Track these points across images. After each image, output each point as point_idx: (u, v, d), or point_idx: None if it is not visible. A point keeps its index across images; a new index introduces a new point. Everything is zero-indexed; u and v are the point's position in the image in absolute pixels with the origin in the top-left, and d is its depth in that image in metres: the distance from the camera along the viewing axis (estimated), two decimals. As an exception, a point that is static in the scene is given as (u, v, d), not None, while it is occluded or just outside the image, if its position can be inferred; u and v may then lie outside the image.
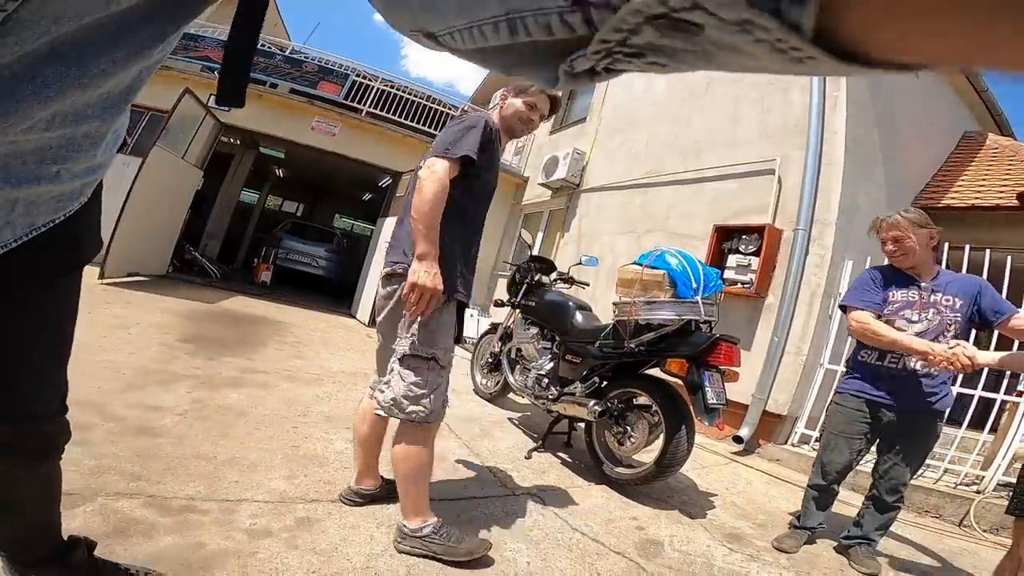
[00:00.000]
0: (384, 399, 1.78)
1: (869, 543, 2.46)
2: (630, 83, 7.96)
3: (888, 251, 2.43)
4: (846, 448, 2.47)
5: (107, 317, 4.18)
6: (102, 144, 0.61)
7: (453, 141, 1.77)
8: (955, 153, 6.92)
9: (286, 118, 8.28)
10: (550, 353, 3.52)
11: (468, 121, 1.85)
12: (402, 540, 1.77)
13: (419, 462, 1.77)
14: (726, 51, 0.20)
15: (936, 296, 2.32)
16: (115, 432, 2.15)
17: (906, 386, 2.33)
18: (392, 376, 1.78)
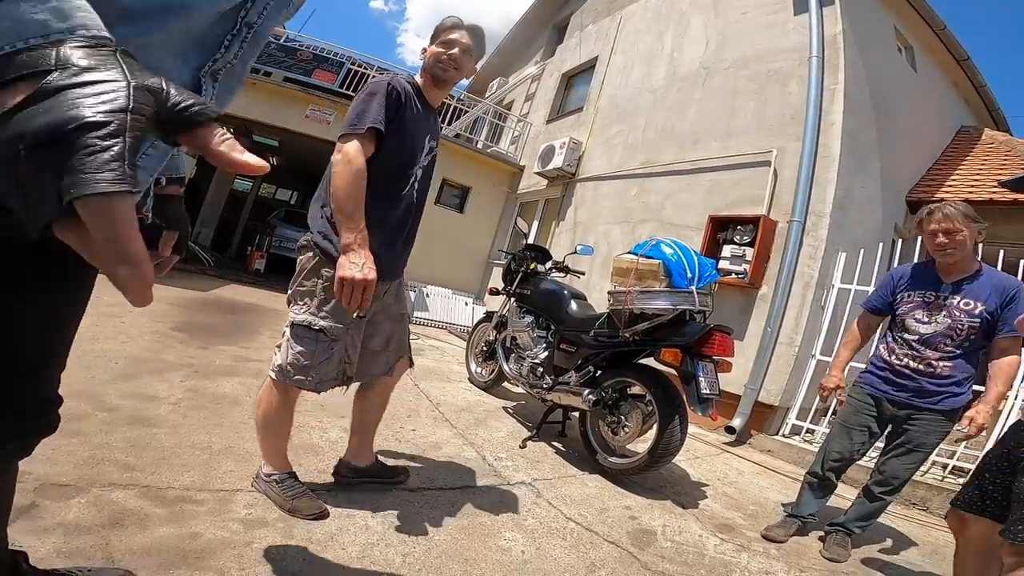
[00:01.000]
0: (272, 363, 1.75)
1: (847, 532, 2.48)
2: (628, 73, 7.92)
3: (939, 243, 2.28)
4: (847, 438, 2.51)
5: (99, 305, 4.14)
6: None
7: (357, 115, 1.68)
8: (951, 147, 6.94)
9: (280, 106, 8.19)
10: (545, 342, 3.53)
11: (369, 88, 1.75)
12: (255, 480, 1.79)
13: (273, 416, 1.75)
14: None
15: (955, 299, 2.27)
16: (109, 422, 2.14)
17: (911, 383, 2.34)
18: (283, 341, 1.75)
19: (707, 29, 6.60)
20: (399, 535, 1.82)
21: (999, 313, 2.18)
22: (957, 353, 2.25)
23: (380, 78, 1.79)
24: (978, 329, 2.21)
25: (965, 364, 2.26)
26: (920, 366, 2.31)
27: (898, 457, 2.38)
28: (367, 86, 1.78)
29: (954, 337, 2.25)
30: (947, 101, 7.31)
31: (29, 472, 1.64)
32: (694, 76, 6.50)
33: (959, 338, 2.24)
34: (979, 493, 1.75)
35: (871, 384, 2.48)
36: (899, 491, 2.45)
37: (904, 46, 6.41)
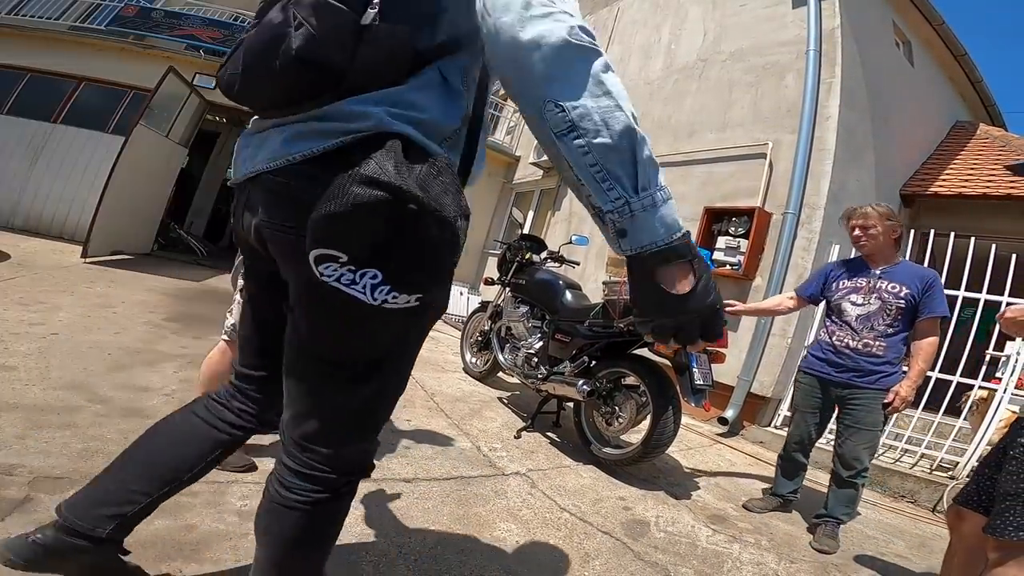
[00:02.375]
0: (225, 325, 1.95)
1: (836, 522, 2.55)
2: (625, 63, 7.87)
3: (854, 236, 2.65)
4: (802, 421, 2.73)
5: (91, 296, 4.13)
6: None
7: None
8: (945, 141, 6.96)
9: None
10: (540, 332, 3.54)
11: None
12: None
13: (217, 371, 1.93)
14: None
15: (883, 283, 2.54)
16: (102, 414, 2.13)
17: (849, 362, 2.55)
18: (234, 305, 1.91)
19: (705, 21, 6.57)
20: (394, 526, 1.82)
21: (920, 297, 2.45)
22: (889, 333, 2.49)
23: None
24: (904, 310, 2.48)
25: (897, 345, 2.49)
26: (858, 345, 2.54)
27: (849, 438, 2.53)
28: None
29: (884, 317, 2.50)
30: (943, 96, 7.32)
31: (23, 465, 1.64)
32: (691, 68, 6.47)
33: (889, 317, 2.49)
34: (976, 489, 1.79)
35: (813, 367, 2.70)
36: (866, 474, 2.54)
37: (902, 41, 6.40)
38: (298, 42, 0.74)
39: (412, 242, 0.78)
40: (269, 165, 0.84)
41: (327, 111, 0.80)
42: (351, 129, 0.78)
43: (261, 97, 0.88)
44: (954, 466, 3.57)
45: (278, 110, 0.87)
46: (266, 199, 0.86)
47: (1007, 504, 1.48)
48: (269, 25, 0.80)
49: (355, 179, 0.72)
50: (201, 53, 7.98)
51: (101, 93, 7.74)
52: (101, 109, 7.62)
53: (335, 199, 0.72)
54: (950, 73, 7.24)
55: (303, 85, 0.79)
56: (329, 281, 0.77)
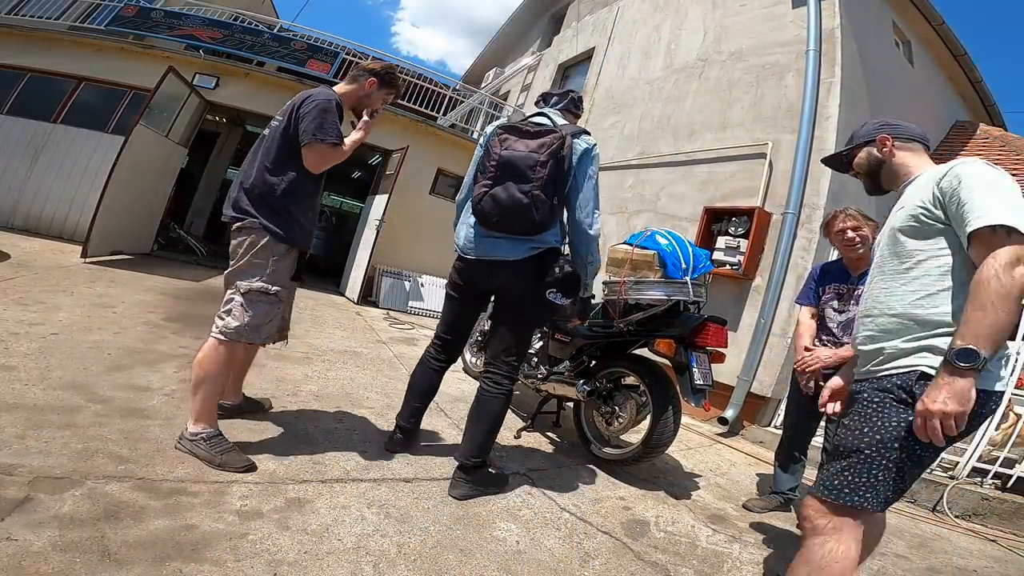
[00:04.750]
0: (227, 326, 2.02)
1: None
2: (625, 64, 7.88)
3: (848, 239, 2.58)
4: (794, 414, 2.83)
5: (91, 296, 4.13)
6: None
7: (319, 126, 2.02)
8: (945, 141, 6.96)
9: (274, 96, 8.09)
10: (540, 332, 3.54)
11: (321, 103, 2.06)
12: (180, 440, 1.99)
13: (215, 374, 2.00)
14: None
15: (861, 288, 2.46)
16: (102, 414, 2.13)
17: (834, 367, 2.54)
18: (233, 307, 2.03)
19: (705, 21, 6.57)
20: (394, 526, 1.82)
21: None
22: None
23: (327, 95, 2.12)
24: None
25: None
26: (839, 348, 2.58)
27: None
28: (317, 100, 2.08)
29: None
30: (943, 96, 7.33)
31: (22, 465, 1.64)
32: (691, 68, 6.47)
33: None
34: None
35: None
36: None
37: (902, 41, 6.40)
38: (539, 218, 2.06)
39: (575, 284, 2.19)
40: (509, 257, 2.16)
41: (536, 238, 2.15)
42: (546, 246, 2.18)
43: (510, 228, 2.11)
44: (954, 466, 3.56)
45: (512, 233, 2.13)
46: (509, 271, 2.18)
47: (822, 462, 1.50)
48: (517, 199, 2.05)
49: (562, 267, 2.16)
50: (201, 53, 7.98)
51: (101, 93, 7.73)
52: (101, 109, 7.61)
53: (556, 274, 2.15)
54: (950, 73, 7.25)
55: (531, 228, 2.09)
56: (552, 298, 2.17)
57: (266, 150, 2.11)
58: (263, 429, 2.38)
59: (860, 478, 1.37)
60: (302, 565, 1.49)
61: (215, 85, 7.85)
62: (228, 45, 8.11)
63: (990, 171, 1.35)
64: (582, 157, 2.17)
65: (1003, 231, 1.22)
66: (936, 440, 1.24)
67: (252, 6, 11.31)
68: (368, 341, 4.97)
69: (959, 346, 1.20)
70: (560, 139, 2.08)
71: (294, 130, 2.06)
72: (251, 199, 2.06)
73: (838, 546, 1.36)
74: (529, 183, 2.04)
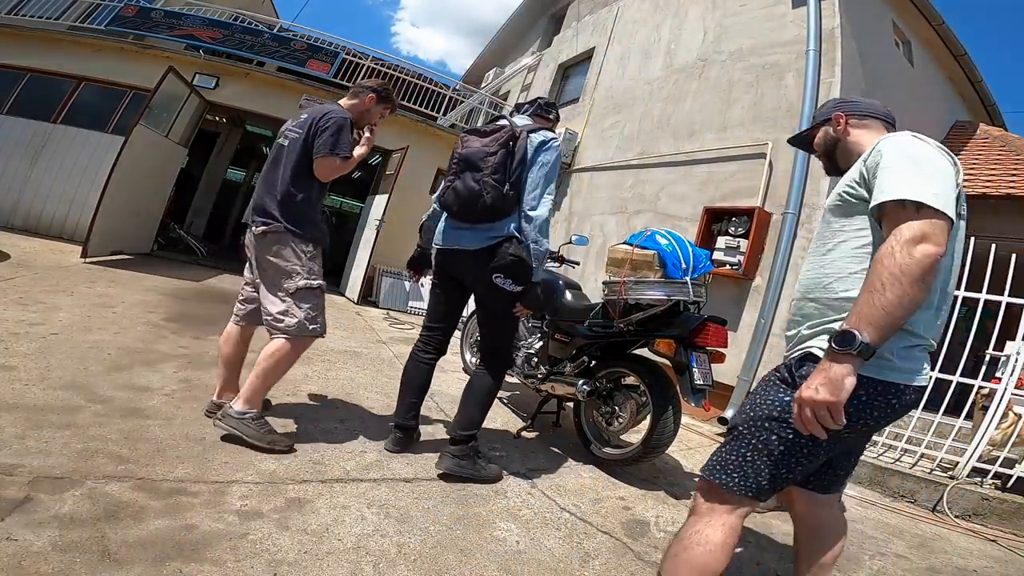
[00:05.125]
0: (288, 326, 2.25)
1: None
2: (625, 64, 7.88)
3: None
4: None
5: (91, 296, 4.13)
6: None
7: (336, 142, 2.25)
8: (945, 141, 6.96)
9: (273, 96, 8.10)
10: (539, 332, 3.54)
11: (339, 120, 2.29)
12: (223, 418, 2.15)
13: (283, 367, 2.27)
14: None
15: None
16: (102, 414, 2.13)
17: None
18: (289, 307, 2.27)
19: (705, 21, 6.57)
20: (394, 526, 1.82)
21: None
22: None
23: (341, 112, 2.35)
24: None
25: None
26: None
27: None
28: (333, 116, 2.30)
29: None
30: (943, 96, 7.33)
31: (22, 465, 1.64)
32: (691, 68, 6.47)
33: None
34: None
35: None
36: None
37: (902, 40, 6.40)
38: (489, 200, 2.20)
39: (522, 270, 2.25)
40: (470, 247, 2.29)
41: (494, 226, 2.27)
42: (503, 235, 2.26)
43: (468, 216, 2.27)
44: (954, 466, 3.56)
45: (472, 223, 2.28)
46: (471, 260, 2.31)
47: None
48: (470, 187, 2.23)
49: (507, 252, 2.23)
50: (201, 53, 7.98)
51: (101, 93, 7.73)
52: (101, 109, 7.61)
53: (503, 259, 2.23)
54: (950, 73, 7.25)
55: (487, 215, 2.23)
56: (500, 284, 2.26)
57: (287, 162, 2.30)
58: (263, 429, 2.38)
59: (731, 456, 1.35)
60: (302, 565, 1.49)
61: (215, 85, 7.85)
62: (228, 45, 8.11)
63: (914, 144, 1.22)
64: (537, 148, 2.31)
65: (912, 206, 1.10)
66: (810, 430, 1.13)
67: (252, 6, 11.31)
68: (368, 341, 4.97)
69: (840, 328, 1.11)
70: (509, 131, 2.29)
71: (311, 143, 2.27)
72: (278, 207, 2.27)
73: (705, 529, 1.31)
74: (480, 172, 2.25)
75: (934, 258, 1.06)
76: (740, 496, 1.31)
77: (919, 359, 1.24)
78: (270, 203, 2.27)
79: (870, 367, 1.15)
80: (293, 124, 2.38)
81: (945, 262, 1.21)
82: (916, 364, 1.23)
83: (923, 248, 1.06)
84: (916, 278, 1.05)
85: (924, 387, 1.26)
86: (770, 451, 1.28)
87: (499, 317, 2.43)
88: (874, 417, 1.23)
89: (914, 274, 1.05)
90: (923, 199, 1.09)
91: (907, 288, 1.06)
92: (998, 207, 5.53)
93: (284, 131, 2.40)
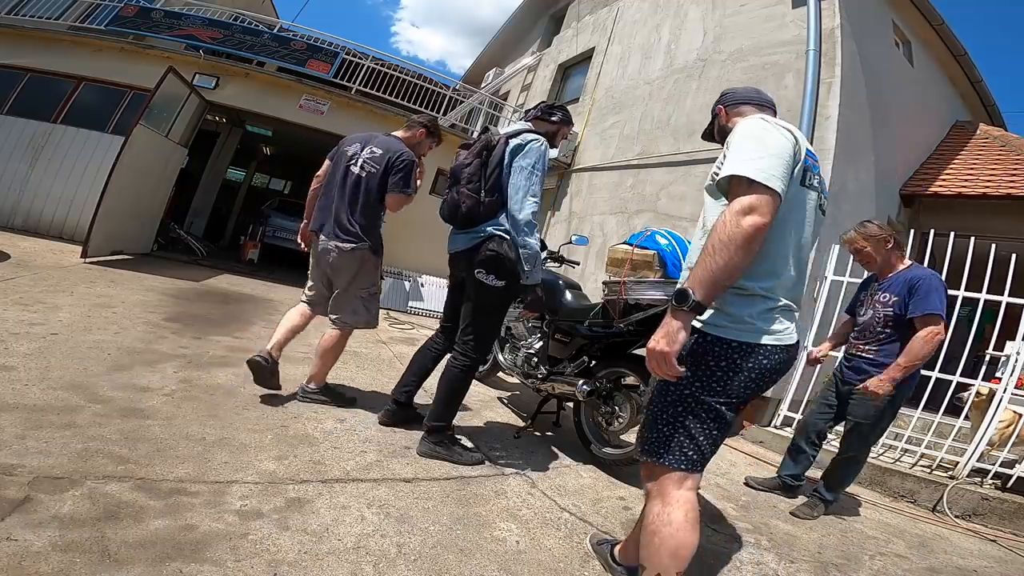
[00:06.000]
0: (358, 321, 2.91)
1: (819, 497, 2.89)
2: (625, 64, 7.88)
3: (859, 259, 2.95)
4: (816, 409, 3.08)
5: (91, 296, 4.13)
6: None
7: (407, 182, 2.80)
8: (945, 141, 6.96)
9: (273, 96, 8.11)
10: (540, 332, 3.53)
11: (410, 162, 2.81)
12: (303, 394, 2.87)
13: (340, 350, 2.93)
14: None
15: (878, 294, 2.80)
16: (102, 414, 2.13)
17: (854, 362, 2.87)
18: (358, 306, 2.89)
19: (705, 21, 6.57)
20: (394, 526, 1.82)
21: (907, 301, 2.63)
22: (881, 339, 2.74)
23: (411, 154, 2.86)
24: (892, 318, 2.70)
25: (887, 348, 2.71)
26: (858, 352, 2.85)
27: (849, 433, 2.87)
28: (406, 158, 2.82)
29: (876, 325, 2.76)
30: (943, 96, 7.33)
31: (23, 465, 1.64)
32: (691, 68, 6.47)
33: (880, 325, 2.74)
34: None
35: (838, 368, 3.02)
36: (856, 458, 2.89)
37: (901, 41, 6.40)
38: (464, 210, 2.43)
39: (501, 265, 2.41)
40: (461, 248, 2.53)
41: (477, 228, 2.46)
42: (484, 234, 2.44)
43: (455, 224, 2.52)
44: (954, 466, 3.57)
45: (460, 229, 2.52)
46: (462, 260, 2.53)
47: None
48: (453, 199, 2.48)
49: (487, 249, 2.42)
50: (201, 53, 7.98)
51: (101, 93, 7.73)
52: (101, 109, 7.61)
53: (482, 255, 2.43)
54: (950, 73, 7.25)
55: (467, 222, 2.46)
56: (482, 278, 2.43)
57: (367, 190, 2.77)
58: (262, 429, 2.38)
59: (653, 435, 1.44)
60: (302, 565, 1.49)
61: (215, 85, 7.85)
62: (228, 45, 8.11)
63: (755, 125, 1.35)
64: (514, 151, 2.44)
65: (745, 182, 1.23)
66: (661, 375, 1.28)
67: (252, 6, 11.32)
68: (368, 341, 4.97)
69: (678, 287, 1.25)
70: (483, 142, 2.51)
71: (387, 178, 2.76)
72: (364, 230, 2.77)
73: (664, 510, 1.38)
74: (459, 183, 2.49)
75: (758, 227, 1.19)
76: (677, 471, 1.40)
77: (779, 321, 1.36)
78: (355, 225, 2.75)
79: (735, 330, 1.33)
80: (368, 156, 2.79)
81: (799, 230, 1.37)
82: (777, 325, 1.35)
83: (749, 219, 1.19)
84: (740, 245, 1.19)
85: (791, 346, 1.38)
86: (678, 418, 1.40)
87: (482, 313, 2.55)
88: (748, 375, 1.34)
89: (739, 242, 1.19)
90: (751, 175, 1.22)
91: (733, 254, 1.19)
92: (998, 207, 5.53)
93: (360, 160, 2.79)
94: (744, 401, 1.39)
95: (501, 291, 2.45)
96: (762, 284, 1.34)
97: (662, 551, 1.35)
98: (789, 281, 1.38)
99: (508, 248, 2.40)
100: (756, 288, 1.34)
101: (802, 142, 1.35)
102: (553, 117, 2.71)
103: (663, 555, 1.35)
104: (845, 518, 2.94)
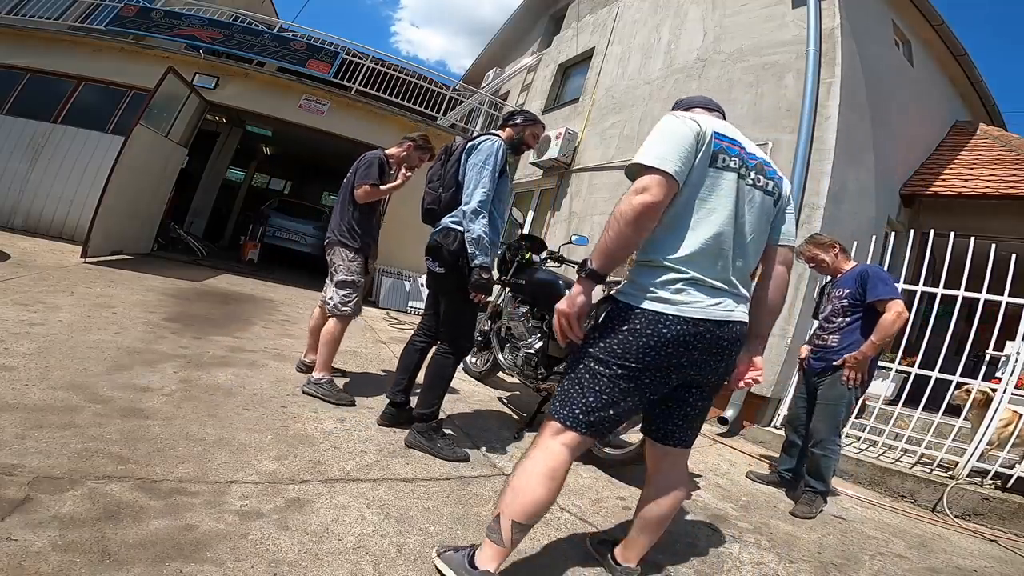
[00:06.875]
0: (331, 306, 3.18)
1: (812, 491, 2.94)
2: (625, 64, 7.88)
3: (812, 268, 3.37)
4: (797, 403, 3.29)
5: (91, 296, 4.13)
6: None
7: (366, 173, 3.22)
8: (945, 141, 6.96)
9: (273, 96, 8.11)
10: (540, 332, 3.53)
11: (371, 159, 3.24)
12: (307, 384, 3.02)
13: (334, 337, 3.12)
14: None
15: (834, 291, 3.15)
16: (102, 414, 2.13)
17: (819, 352, 3.10)
18: (333, 292, 3.20)
19: (705, 21, 6.57)
20: (394, 526, 1.82)
21: (862, 291, 2.93)
22: (842, 327, 3.01)
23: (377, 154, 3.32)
24: (848, 307, 3.00)
25: (848, 334, 2.97)
26: (822, 342, 3.10)
27: (815, 413, 3.04)
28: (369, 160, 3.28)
29: (835, 316, 3.06)
30: (943, 96, 7.32)
31: (22, 465, 1.64)
32: (691, 68, 6.47)
33: (839, 315, 3.04)
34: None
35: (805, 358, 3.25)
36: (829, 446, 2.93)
37: (901, 40, 6.40)
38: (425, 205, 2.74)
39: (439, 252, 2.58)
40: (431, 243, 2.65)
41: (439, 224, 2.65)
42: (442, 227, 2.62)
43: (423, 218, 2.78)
44: (954, 466, 3.56)
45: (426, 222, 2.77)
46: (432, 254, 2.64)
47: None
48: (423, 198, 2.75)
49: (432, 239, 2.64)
50: (201, 53, 7.99)
51: (101, 93, 7.73)
52: (101, 109, 7.62)
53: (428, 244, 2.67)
54: (950, 73, 7.24)
55: (429, 218, 2.74)
56: (429, 265, 2.65)
57: (343, 194, 3.29)
58: (262, 429, 2.38)
59: (559, 389, 1.55)
60: (302, 565, 1.49)
61: (215, 85, 7.85)
62: (228, 45, 8.11)
63: (665, 119, 1.51)
64: (468, 151, 2.60)
65: (642, 168, 1.38)
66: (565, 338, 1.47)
67: (252, 6, 11.31)
68: (368, 341, 4.97)
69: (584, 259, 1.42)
70: (446, 147, 2.74)
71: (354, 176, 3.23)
72: (336, 227, 3.24)
73: (530, 453, 1.51)
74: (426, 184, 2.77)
75: (647, 204, 1.33)
76: (561, 424, 1.49)
77: (687, 293, 1.42)
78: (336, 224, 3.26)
79: (638, 297, 1.44)
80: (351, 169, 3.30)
81: (721, 209, 1.44)
82: (684, 297, 1.42)
83: (640, 198, 1.33)
84: (630, 220, 1.34)
85: (699, 320, 1.41)
86: (581, 382, 1.49)
87: (445, 299, 2.69)
88: (647, 341, 1.41)
89: (628, 217, 1.34)
90: (646, 161, 1.37)
91: (623, 228, 1.35)
92: (998, 207, 5.53)
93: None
94: (645, 369, 1.44)
95: (444, 277, 2.59)
96: (668, 256, 1.43)
97: (511, 494, 1.46)
98: (707, 258, 1.44)
99: (453, 238, 2.54)
100: (660, 260, 1.44)
101: (707, 129, 1.46)
102: (515, 120, 2.82)
103: (507, 496, 1.47)
104: (845, 518, 2.94)
